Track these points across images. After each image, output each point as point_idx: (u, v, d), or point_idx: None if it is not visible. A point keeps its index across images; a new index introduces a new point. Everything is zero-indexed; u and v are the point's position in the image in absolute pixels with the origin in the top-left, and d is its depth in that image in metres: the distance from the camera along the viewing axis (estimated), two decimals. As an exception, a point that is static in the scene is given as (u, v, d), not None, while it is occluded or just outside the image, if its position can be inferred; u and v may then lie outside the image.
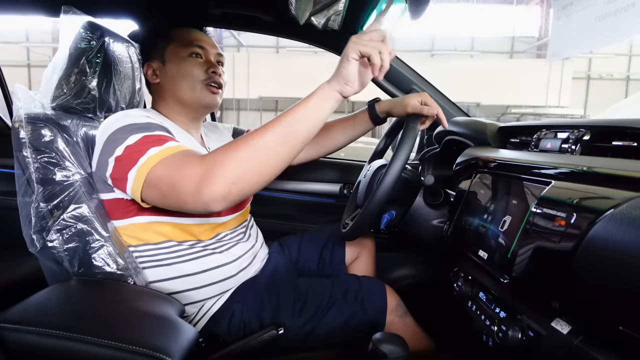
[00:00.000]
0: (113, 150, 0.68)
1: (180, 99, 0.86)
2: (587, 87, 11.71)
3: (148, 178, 0.64)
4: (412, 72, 1.26)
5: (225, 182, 0.59)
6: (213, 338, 0.79)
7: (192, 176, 0.60)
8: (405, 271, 1.31)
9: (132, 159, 0.66)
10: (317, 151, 1.09)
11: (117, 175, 0.69)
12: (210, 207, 0.61)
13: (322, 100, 0.65)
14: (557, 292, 0.49)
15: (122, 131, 0.69)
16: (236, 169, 0.60)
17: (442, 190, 0.93)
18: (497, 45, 11.79)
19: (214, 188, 0.59)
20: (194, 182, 0.60)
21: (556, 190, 0.54)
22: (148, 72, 0.88)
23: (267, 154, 0.62)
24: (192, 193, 0.60)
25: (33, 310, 0.61)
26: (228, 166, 0.59)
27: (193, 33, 0.89)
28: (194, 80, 0.85)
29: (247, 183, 0.61)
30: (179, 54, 0.85)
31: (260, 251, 0.98)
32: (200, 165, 0.60)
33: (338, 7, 1.00)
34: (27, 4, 1.13)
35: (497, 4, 11.38)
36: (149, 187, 0.65)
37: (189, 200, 0.61)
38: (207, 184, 0.59)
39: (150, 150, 0.65)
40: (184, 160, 0.63)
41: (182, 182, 0.61)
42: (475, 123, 0.95)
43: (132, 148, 0.67)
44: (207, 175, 0.59)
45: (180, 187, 0.61)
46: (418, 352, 0.85)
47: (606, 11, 0.67)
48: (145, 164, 0.64)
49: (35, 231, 0.73)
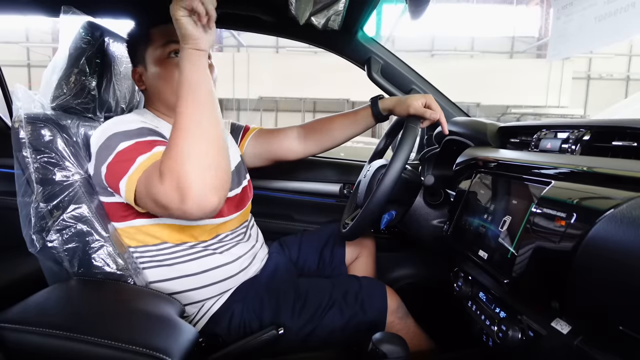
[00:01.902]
0: (106, 158, 0.69)
1: (167, 102, 0.83)
2: (587, 87, 11.70)
3: (137, 191, 0.64)
4: (412, 72, 1.26)
5: (199, 181, 0.58)
6: (213, 338, 0.79)
7: (167, 194, 0.59)
8: (405, 271, 1.31)
9: (123, 168, 0.66)
10: (318, 145, 1.07)
11: (111, 183, 0.69)
12: (206, 208, 0.60)
13: (191, 63, 0.62)
14: (557, 292, 0.49)
15: (114, 138, 0.69)
16: (196, 164, 0.58)
17: (442, 190, 0.93)
18: (497, 45, 11.78)
19: (194, 194, 0.58)
20: (174, 199, 0.58)
21: (556, 190, 0.54)
22: (135, 78, 0.86)
23: (202, 129, 0.60)
24: (179, 208, 0.59)
25: (33, 310, 0.61)
26: (188, 168, 0.58)
27: (170, 28, 0.81)
28: (174, 83, 0.79)
29: (215, 164, 0.60)
30: (157, 55, 0.81)
31: (260, 251, 0.98)
32: (166, 182, 0.59)
33: (338, 7, 0.99)
34: (27, 4, 1.13)
35: (497, 4, 11.37)
36: (140, 200, 0.65)
37: (181, 214, 0.60)
38: (187, 196, 0.58)
39: (139, 159, 0.66)
40: (154, 177, 0.61)
41: (165, 200, 0.60)
42: (475, 123, 0.95)
43: (122, 155, 0.67)
44: (179, 187, 0.58)
45: (167, 205, 0.60)
46: (418, 353, 0.84)
47: (606, 11, 0.67)
48: (133, 175, 0.65)
49: (35, 231, 0.73)
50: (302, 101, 10.66)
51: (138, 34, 0.85)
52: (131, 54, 0.88)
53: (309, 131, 1.06)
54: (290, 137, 1.06)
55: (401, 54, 1.30)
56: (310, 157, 1.38)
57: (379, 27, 1.40)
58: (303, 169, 1.41)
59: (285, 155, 1.07)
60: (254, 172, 1.10)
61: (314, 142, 1.06)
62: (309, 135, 1.06)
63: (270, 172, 1.30)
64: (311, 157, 1.40)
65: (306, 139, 1.06)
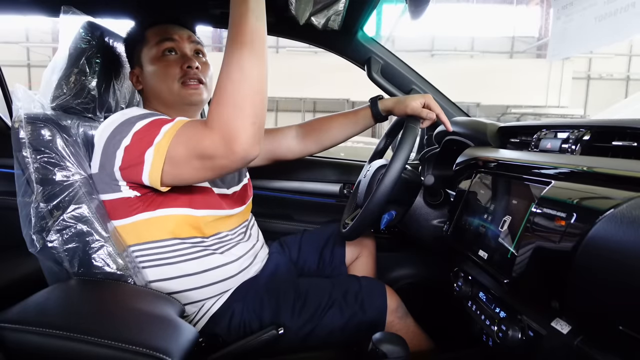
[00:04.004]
0: (119, 142, 0.68)
1: (164, 101, 0.84)
2: (587, 87, 11.70)
3: (169, 155, 0.64)
4: (412, 72, 1.26)
5: (246, 130, 0.59)
6: (213, 338, 0.79)
7: (214, 143, 0.60)
8: (405, 271, 1.31)
9: (146, 142, 0.66)
10: (317, 145, 1.07)
11: (130, 162, 0.68)
12: (251, 155, 0.61)
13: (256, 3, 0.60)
14: (557, 292, 0.49)
15: (126, 124, 0.70)
16: (244, 111, 0.59)
17: (442, 190, 0.93)
18: (497, 45, 11.78)
19: (242, 141, 0.59)
20: (221, 147, 0.59)
21: (556, 190, 0.54)
22: (132, 80, 0.88)
23: (252, 77, 0.59)
24: (226, 156, 0.60)
25: (33, 310, 0.61)
26: (237, 115, 0.58)
27: (164, 28, 0.84)
28: (170, 80, 0.81)
29: (259, 111, 0.60)
30: (152, 54, 0.82)
31: (260, 251, 0.98)
32: (214, 131, 0.60)
33: (338, 7, 1.00)
34: (27, 4, 1.13)
35: (497, 4, 11.38)
36: (175, 166, 0.65)
37: (227, 163, 0.61)
38: (235, 143, 0.59)
39: (164, 128, 0.66)
40: (196, 131, 0.62)
41: (210, 151, 0.61)
42: (475, 123, 0.95)
43: (141, 133, 0.67)
44: (228, 135, 0.59)
45: (213, 155, 0.61)
46: (418, 353, 0.85)
47: (606, 11, 0.67)
48: (163, 140, 0.64)
49: (35, 231, 0.73)
50: (302, 101, 10.66)
51: (134, 36, 0.87)
52: (128, 55, 0.89)
53: (308, 130, 1.06)
54: (289, 137, 1.06)
55: (401, 54, 1.30)
56: (310, 157, 1.38)
57: (379, 27, 1.41)
58: (303, 168, 1.41)
59: (285, 155, 1.07)
60: (253, 172, 1.10)
61: (313, 141, 1.06)
62: (308, 134, 1.06)
63: (270, 172, 1.30)
64: (311, 157, 1.40)
65: (305, 138, 1.06)
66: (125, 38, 0.89)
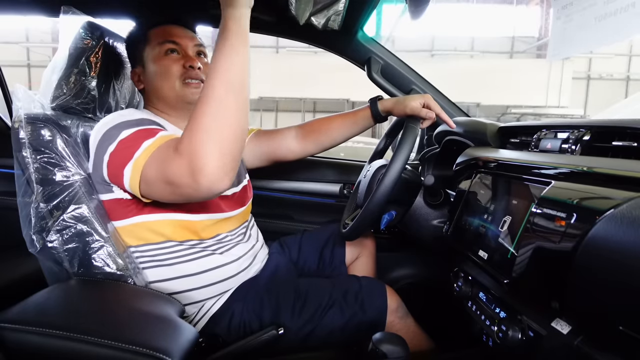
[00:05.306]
0: (107, 148, 0.68)
1: (165, 100, 0.84)
2: (587, 87, 11.70)
3: (143, 174, 0.64)
4: (412, 72, 1.26)
5: (215, 160, 0.57)
6: (213, 338, 0.79)
7: (180, 170, 0.58)
8: (405, 271, 1.31)
9: (128, 154, 0.65)
10: (317, 145, 1.07)
11: (114, 170, 0.68)
12: (217, 189, 0.59)
13: (240, 28, 0.63)
14: (557, 292, 0.49)
15: (116, 128, 0.69)
16: (214, 142, 0.57)
17: (442, 190, 0.93)
18: (497, 45, 11.78)
19: (208, 172, 0.57)
20: (186, 176, 0.58)
21: (556, 191, 0.54)
22: (134, 79, 0.88)
23: (227, 109, 0.59)
24: (191, 186, 0.58)
25: (33, 310, 0.61)
26: (206, 144, 0.57)
27: (166, 29, 0.85)
28: (172, 79, 0.82)
29: (232, 145, 0.59)
30: (155, 54, 0.83)
31: (260, 251, 0.98)
32: (181, 157, 0.58)
33: (338, 7, 1.00)
34: (27, 4, 1.13)
35: (497, 4, 11.37)
36: (147, 184, 0.64)
37: (192, 192, 0.60)
38: (201, 173, 0.57)
39: (145, 143, 0.65)
40: (167, 154, 0.61)
41: (176, 178, 0.59)
42: (475, 123, 0.95)
43: (125, 142, 0.67)
44: (194, 164, 0.57)
45: (178, 183, 0.60)
46: (418, 353, 0.85)
47: (606, 11, 0.67)
48: (140, 158, 0.64)
49: (35, 231, 0.73)
50: (302, 101, 10.65)
51: (137, 35, 0.87)
52: (130, 55, 0.89)
53: (308, 131, 1.06)
54: (289, 137, 1.06)
55: (401, 54, 1.30)
56: (310, 157, 1.38)
57: (379, 27, 1.40)
58: (303, 169, 1.41)
59: (285, 156, 1.07)
60: (253, 172, 1.10)
61: (313, 142, 1.06)
62: (307, 135, 1.06)
63: (270, 172, 1.30)
64: (311, 157, 1.40)
65: (305, 139, 1.06)
66: (127, 37, 0.89)
